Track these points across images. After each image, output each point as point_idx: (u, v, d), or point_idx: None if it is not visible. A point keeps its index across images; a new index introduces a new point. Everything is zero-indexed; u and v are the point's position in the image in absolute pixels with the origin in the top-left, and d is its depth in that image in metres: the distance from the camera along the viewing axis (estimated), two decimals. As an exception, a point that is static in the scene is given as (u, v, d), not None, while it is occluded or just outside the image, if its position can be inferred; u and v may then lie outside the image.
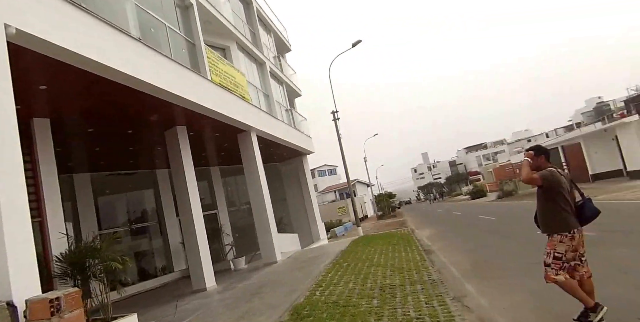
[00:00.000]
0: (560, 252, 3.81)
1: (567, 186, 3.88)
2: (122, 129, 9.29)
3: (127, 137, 9.90)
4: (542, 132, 74.46)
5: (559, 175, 3.87)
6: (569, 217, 3.81)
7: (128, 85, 6.64)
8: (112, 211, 14.10)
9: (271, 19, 18.50)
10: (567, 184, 3.88)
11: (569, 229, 3.78)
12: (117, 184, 14.01)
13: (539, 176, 3.86)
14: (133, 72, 6.40)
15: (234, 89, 11.35)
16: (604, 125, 25.15)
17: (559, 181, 3.84)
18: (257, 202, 12.70)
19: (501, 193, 31.68)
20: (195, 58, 9.87)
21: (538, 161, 4.01)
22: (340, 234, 26.73)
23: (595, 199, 15.40)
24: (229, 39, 12.63)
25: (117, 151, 11.15)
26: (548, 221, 3.92)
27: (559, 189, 3.83)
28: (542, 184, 3.87)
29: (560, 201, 3.82)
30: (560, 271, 3.77)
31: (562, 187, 3.83)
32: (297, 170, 20.18)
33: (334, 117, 20.22)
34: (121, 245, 13.58)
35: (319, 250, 14.88)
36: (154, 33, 8.29)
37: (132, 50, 6.65)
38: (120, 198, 14.47)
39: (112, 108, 7.91)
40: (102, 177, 13.06)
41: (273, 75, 16.71)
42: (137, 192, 15.40)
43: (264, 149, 15.94)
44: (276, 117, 14.99)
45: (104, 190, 13.38)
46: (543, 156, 4.02)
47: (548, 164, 3.99)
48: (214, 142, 13.01)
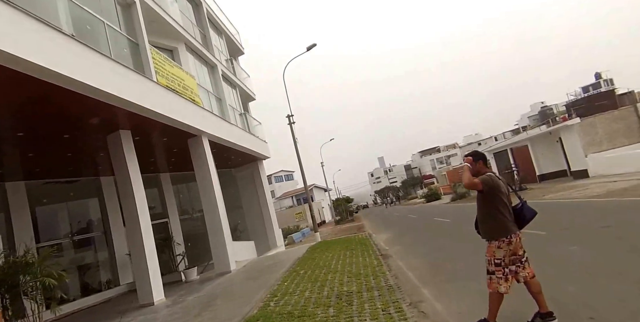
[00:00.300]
0: (499, 259, 3.81)
1: (505, 190, 3.96)
2: (57, 133, 8.61)
3: (63, 142, 9.21)
4: (491, 136, 77.83)
5: (498, 179, 3.94)
6: (508, 221, 3.86)
7: (60, 84, 6.12)
8: (51, 222, 13.11)
9: (223, 22, 18.07)
10: (505, 188, 3.96)
11: (507, 233, 3.81)
12: (57, 193, 13.06)
13: (480, 180, 3.89)
14: (65, 71, 5.91)
15: (183, 92, 10.89)
16: (548, 128, 26.49)
17: (498, 185, 3.90)
18: (210, 210, 12.23)
19: (455, 195, 32.60)
20: (139, 58, 9.37)
21: (477, 166, 4.06)
22: (297, 241, 26.45)
23: (543, 198, 15.99)
24: (177, 40, 12.15)
25: (54, 157, 10.37)
26: (488, 227, 3.96)
27: (498, 193, 3.88)
28: (483, 189, 3.90)
29: (499, 205, 3.87)
30: (503, 281, 3.77)
31: (501, 192, 3.89)
32: (253, 176, 19.77)
33: (290, 121, 19.99)
34: (62, 258, 12.71)
35: (275, 257, 14.56)
36: (90, 30, 7.76)
37: (63, 47, 6.15)
38: (61, 208, 13.48)
39: (44, 110, 7.29)
40: (39, 186, 12.14)
41: (225, 78, 16.29)
42: (81, 201, 14.44)
43: (217, 154, 15.47)
44: (229, 122, 14.58)
45: (41, 199, 12.43)
46: (481, 161, 4.08)
47: (486, 169, 4.06)
48: (162, 147, 12.44)
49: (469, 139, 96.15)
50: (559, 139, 24.96)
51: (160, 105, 9.23)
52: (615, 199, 12.10)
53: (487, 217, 3.96)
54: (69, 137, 9.03)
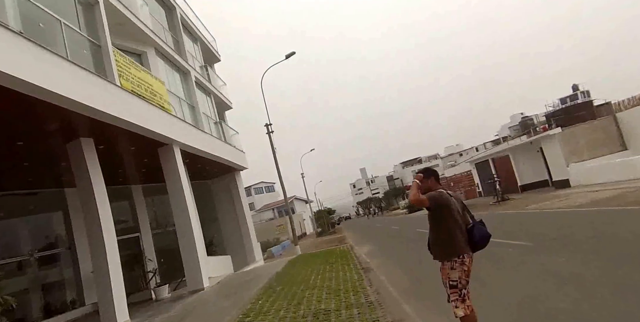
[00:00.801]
0: (454, 280, 3.60)
1: (458, 208, 3.77)
2: (8, 141, 8.00)
3: (17, 151, 8.57)
4: (472, 147, 78.82)
5: (448, 196, 3.77)
6: (459, 241, 3.66)
7: (4, 85, 5.58)
8: (9, 238, 12.24)
9: (198, 28, 17.67)
10: (457, 206, 3.78)
11: (458, 253, 3.61)
12: (15, 206, 12.24)
13: (427, 196, 3.70)
14: (9, 69, 5.38)
15: (151, 98, 10.39)
16: (529, 138, 26.71)
17: (448, 201, 3.72)
18: (182, 223, 11.63)
19: (437, 206, 32.62)
20: (100, 61, 8.85)
21: (428, 182, 3.89)
22: (277, 254, 25.78)
23: (526, 208, 15.87)
24: (145, 44, 11.67)
25: (9, 167, 9.68)
26: (438, 247, 3.79)
27: (447, 211, 3.71)
28: (430, 205, 3.72)
29: (449, 223, 3.69)
30: (460, 303, 3.53)
31: (450, 209, 3.71)
32: (230, 187, 19.19)
33: (268, 130, 19.56)
34: (23, 277, 11.87)
35: (252, 273, 13.96)
36: (44, 29, 7.25)
37: (8, 43, 5.63)
38: (20, 222, 12.64)
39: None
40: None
41: (200, 85, 15.82)
42: (43, 215, 13.61)
43: (191, 165, 14.90)
44: (203, 130, 14.07)
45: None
46: (432, 177, 3.92)
47: (438, 186, 3.90)
48: (131, 157, 11.84)
49: (450, 149, 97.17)
50: (540, 148, 25.14)
51: (123, 110, 8.69)
52: (600, 209, 11.99)
53: (438, 236, 3.79)
54: (24, 145, 8.41)
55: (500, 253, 8.33)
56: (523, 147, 27.34)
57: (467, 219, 3.80)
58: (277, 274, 11.65)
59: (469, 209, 3.95)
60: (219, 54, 20.15)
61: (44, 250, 12.87)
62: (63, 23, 7.59)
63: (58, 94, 6.51)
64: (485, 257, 8.73)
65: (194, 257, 11.39)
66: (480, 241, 3.70)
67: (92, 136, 9.11)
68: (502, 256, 8.12)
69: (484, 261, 8.29)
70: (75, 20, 8.24)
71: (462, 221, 3.74)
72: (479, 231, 3.70)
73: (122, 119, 8.59)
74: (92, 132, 8.96)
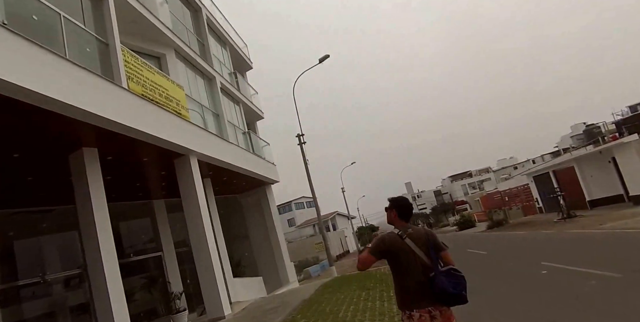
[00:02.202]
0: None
1: (417, 251, 3.24)
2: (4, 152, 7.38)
3: (16, 163, 7.95)
4: (528, 159, 74.43)
5: (399, 239, 3.29)
6: (412, 292, 3.19)
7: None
8: (21, 259, 11.72)
9: (228, 33, 17.11)
10: (416, 249, 3.25)
11: (404, 307, 3.19)
12: (28, 225, 11.77)
13: (372, 244, 3.38)
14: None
15: (166, 103, 9.61)
16: (597, 147, 24.15)
17: (394, 247, 3.28)
18: (197, 242, 10.69)
19: (491, 223, 30.17)
20: (107, 61, 8.14)
21: (390, 215, 3.47)
22: (315, 274, 24.45)
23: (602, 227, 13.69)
24: (165, 46, 11.00)
25: (12, 182, 9.13)
26: (395, 294, 3.41)
27: (395, 257, 3.30)
28: (374, 255, 3.31)
29: (399, 271, 3.29)
30: None
31: (398, 255, 3.27)
32: (260, 202, 18.26)
33: (300, 141, 18.56)
34: (30, 302, 11.29)
35: (281, 298, 12.75)
36: (37, 22, 6.57)
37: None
38: (32, 242, 12.14)
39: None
40: (4, 217, 10.92)
41: (226, 92, 15.10)
42: (60, 234, 13.10)
43: (216, 178, 14.10)
44: (227, 140, 13.22)
45: (5, 232, 11.16)
46: (394, 210, 3.44)
47: (400, 223, 3.42)
48: (146, 168, 11.12)
49: (503, 162, 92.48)
50: (612, 159, 22.57)
51: (130, 116, 7.90)
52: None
53: (394, 282, 3.39)
54: (20, 157, 7.77)
55: (581, 286, 6.75)
56: (591, 157, 24.75)
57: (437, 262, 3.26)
58: (305, 301, 10.40)
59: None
60: (250, 61, 19.54)
61: (55, 272, 12.25)
62: (63, 16, 6.91)
63: (47, 96, 5.77)
64: (563, 292, 7.13)
65: (212, 280, 10.38)
66: (441, 295, 3.09)
67: (96, 146, 8.39)
68: (583, 290, 6.54)
69: (562, 297, 6.64)
70: (80, 14, 7.58)
71: (425, 266, 3.20)
72: (439, 283, 3.10)
73: (128, 126, 7.79)
74: (96, 142, 8.23)
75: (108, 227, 8.15)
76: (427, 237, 3.34)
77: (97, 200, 8.08)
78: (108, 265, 7.86)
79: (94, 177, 8.17)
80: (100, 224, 7.97)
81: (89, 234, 8.00)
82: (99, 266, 7.82)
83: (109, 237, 8.09)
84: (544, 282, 8.12)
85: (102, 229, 7.99)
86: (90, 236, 7.96)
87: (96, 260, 7.87)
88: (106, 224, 8.10)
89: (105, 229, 8.03)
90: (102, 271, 7.76)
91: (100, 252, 7.79)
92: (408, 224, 3.44)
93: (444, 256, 3.34)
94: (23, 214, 11.33)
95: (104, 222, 8.07)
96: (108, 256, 7.92)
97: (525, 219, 30.20)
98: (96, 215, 7.96)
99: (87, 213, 8.02)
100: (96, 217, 7.95)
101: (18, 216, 11.24)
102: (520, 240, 18.10)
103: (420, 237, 3.32)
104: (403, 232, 3.32)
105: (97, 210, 8.00)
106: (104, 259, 7.80)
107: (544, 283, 8.06)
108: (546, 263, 9.83)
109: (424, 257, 3.23)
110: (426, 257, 3.24)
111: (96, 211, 7.98)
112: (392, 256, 3.31)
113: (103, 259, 7.80)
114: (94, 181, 8.13)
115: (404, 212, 3.46)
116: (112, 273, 7.92)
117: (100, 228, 7.93)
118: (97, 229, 7.87)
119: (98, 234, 7.86)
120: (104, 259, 7.80)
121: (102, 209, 8.10)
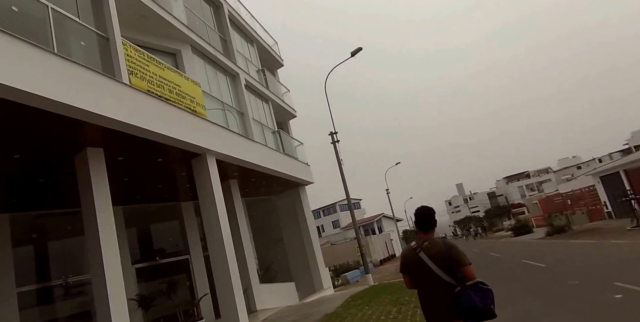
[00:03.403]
0: None
1: (432, 266, 3.13)
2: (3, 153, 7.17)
3: (21, 165, 7.76)
4: (594, 158, 69.39)
5: (414, 253, 3.25)
6: (434, 308, 3.17)
7: None
8: (41, 262, 11.69)
9: (255, 30, 16.64)
10: (428, 263, 3.15)
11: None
12: (51, 227, 11.77)
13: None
14: None
15: (177, 100, 9.15)
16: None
17: (410, 261, 3.31)
18: (214, 247, 10.18)
19: (550, 229, 27.67)
20: (109, 56, 7.76)
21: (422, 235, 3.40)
22: (353, 281, 23.50)
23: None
24: (179, 42, 10.60)
25: (23, 185, 9.02)
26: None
27: (413, 272, 3.30)
28: (401, 271, 3.45)
29: (421, 286, 3.28)
30: None
31: (413, 268, 3.27)
32: (294, 204, 17.65)
33: (333, 139, 17.73)
34: (48, 305, 11.24)
35: (305, 309, 12.01)
36: (19, 14, 6.23)
37: None
38: (53, 245, 12.13)
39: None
40: (28, 219, 10.96)
41: (253, 90, 14.59)
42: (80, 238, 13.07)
43: (244, 179, 13.63)
44: (252, 139, 12.67)
45: (29, 235, 11.20)
46: (419, 230, 3.40)
47: (419, 234, 3.38)
48: (165, 169, 10.76)
49: (565, 162, 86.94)
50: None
51: (131, 113, 7.47)
52: None
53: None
54: (24, 158, 7.54)
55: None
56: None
57: (460, 278, 3.08)
58: (326, 316, 9.57)
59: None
60: (281, 58, 19.00)
61: (76, 275, 12.12)
62: (51, 8, 6.55)
63: (26, 91, 5.39)
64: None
65: (228, 288, 9.81)
66: (468, 314, 2.99)
67: (100, 146, 8.04)
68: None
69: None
70: (74, 6, 7.24)
71: (444, 282, 3.10)
72: (466, 300, 3.00)
73: (129, 124, 7.37)
74: (99, 141, 7.88)
75: (112, 231, 7.74)
76: (446, 251, 3.15)
77: (101, 201, 7.70)
78: (110, 272, 7.44)
79: (98, 177, 7.80)
80: (103, 227, 7.56)
81: (91, 238, 7.62)
82: (100, 273, 7.42)
83: (113, 243, 7.68)
84: (619, 311, 6.47)
85: (106, 233, 7.58)
86: (93, 241, 7.57)
87: (98, 266, 7.48)
88: (110, 228, 7.69)
89: (108, 233, 7.62)
90: (104, 280, 7.34)
91: (102, 258, 7.38)
92: (427, 235, 3.32)
93: (465, 271, 3.10)
94: (48, 217, 11.34)
95: (107, 226, 7.66)
96: (110, 262, 7.50)
97: (591, 226, 27.45)
98: (99, 218, 7.57)
99: (89, 215, 7.67)
100: (99, 220, 7.56)
101: (42, 219, 11.27)
102: (586, 251, 16.02)
103: (438, 251, 3.16)
104: (418, 245, 3.27)
105: (100, 211, 7.61)
106: (105, 267, 7.38)
107: (619, 312, 6.42)
108: (620, 284, 8.08)
109: (440, 272, 3.10)
110: (445, 272, 3.10)
111: (99, 213, 7.60)
112: (409, 270, 3.32)
113: (104, 266, 7.39)
114: (97, 182, 7.76)
115: (419, 222, 3.37)
116: (115, 281, 7.49)
117: (102, 232, 7.52)
118: (99, 233, 7.47)
119: (100, 239, 7.46)
120: (105, 267, 7.38)
121: (105, 211, 7.70)
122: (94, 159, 7.89)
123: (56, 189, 9.85)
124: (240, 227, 12.96)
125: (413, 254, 3.27)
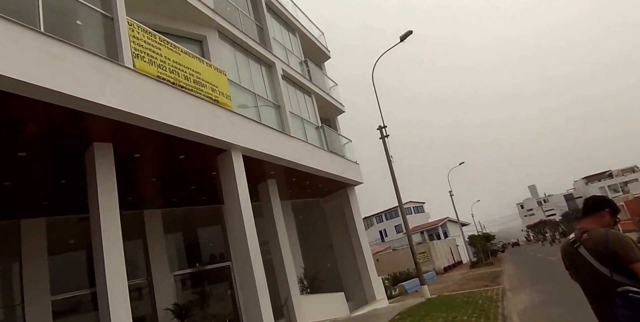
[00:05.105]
0: None
1: (581, 263, 2.63)
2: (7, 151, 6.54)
3: (23, 162, 7.11)
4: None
5: (570, 247, 2.76)
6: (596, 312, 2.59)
7: None
8: (71, 269, 11.26)
9: (298, 19, 15.58)
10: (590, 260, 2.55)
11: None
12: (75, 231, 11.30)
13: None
14: None
15: (195, 88, 8.19)
16: None
17: (567, 256, 2.85)
18: (238, 252, 9.12)
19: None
20: (112, 38, 6.92)
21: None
22: (411, 291, 21.63)
23: None
24: (204, 27, 9.69)
25: (42, 186, 8.48)
26: None
27: (570, 271, 2.87)
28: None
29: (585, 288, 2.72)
30: None
31: (572, 268, 2.81)
32: (343, 207, 16.31)
33: (382, 134, 16.16)
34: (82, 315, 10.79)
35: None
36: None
37: None
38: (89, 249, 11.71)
39: None
40: (60, 223, 10.58)
41: (293, 82, 13.49)
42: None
43: (283, 179, 12.53)
44: (289, 134, 11.54)
45: (66, 240, 10.82)
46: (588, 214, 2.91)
47: (580, 224, 2.92)
48: (191, 168, 9.88)
49: (654, 160, 78.45)
50: None
51: (136, 102, 6.56)
52: None
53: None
54: (27, 156, 6.89)
55: None
56: None
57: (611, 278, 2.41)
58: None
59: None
60: (328, 50, 17.80)
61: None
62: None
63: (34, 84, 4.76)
64: None
65: (254, 300, 8.66)
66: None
67: (110, 140, 7.22)
68: None
69: None
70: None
71: (596, 281, 2.51)
72: (627, 306, 2.29)
73: (135, 114, 6.47)
74: (109, 136, 7.07)
75: (118, 236, 6.83)
76: (606, 243, 2.52)
77: (106, 202, 6.84)
78: (113, 284, 6.51)
79: (104, 176, 6.97)
80: (107, 233, 6.68)
81: (95, 244, 6.77)
82: (102, 283, 6.54)
83: (118, 251, 6.74)
84: None
85: (110, 240, 6.68)
86: (96, 248, 6.72)
87: (100, 275, 6.60)
88: (115, 235, 6.77)
89: (112, 241, 6.71)
90: (105, 291, 6.43)
91: (105, 269, 6.47)
92: (588, 224, 2.83)
93: (635, 268, 2.37)
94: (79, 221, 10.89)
95: (112, 232, 6.76)
96: (114, 273, 6.57)
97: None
98: (103, 221, 6.70)
99: (94, 219, 6.84)
100: (102, 224, 6.69)
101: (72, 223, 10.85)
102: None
103: (598, 244, 2.58)
104: (577, 238, 2.77)
105: (104, 215, 6.74)
106: (107, 276, 6.47)
107: None
108: None
109: (607, 272, 2.47)
110: (609, 271, 2.47)
111: (103, 217, 6.72)
112: (569, 271, 2.88)
113: (106, 274, 6.48)
114: (104, 181, 6.93)
115: (584, 210, 2.96)
116: (119, 296, 6.54)
117: (106, 239, 6.63)
118: (102, 240, 6.59)
119: (103, 246, 6.57)
120: (107, 276, 6.47)
121: (109, 214, 6.81)
122: (102, 155, 7.08)
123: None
124: (279, 231, 11.84)
125: (570, 250, 2.78)
